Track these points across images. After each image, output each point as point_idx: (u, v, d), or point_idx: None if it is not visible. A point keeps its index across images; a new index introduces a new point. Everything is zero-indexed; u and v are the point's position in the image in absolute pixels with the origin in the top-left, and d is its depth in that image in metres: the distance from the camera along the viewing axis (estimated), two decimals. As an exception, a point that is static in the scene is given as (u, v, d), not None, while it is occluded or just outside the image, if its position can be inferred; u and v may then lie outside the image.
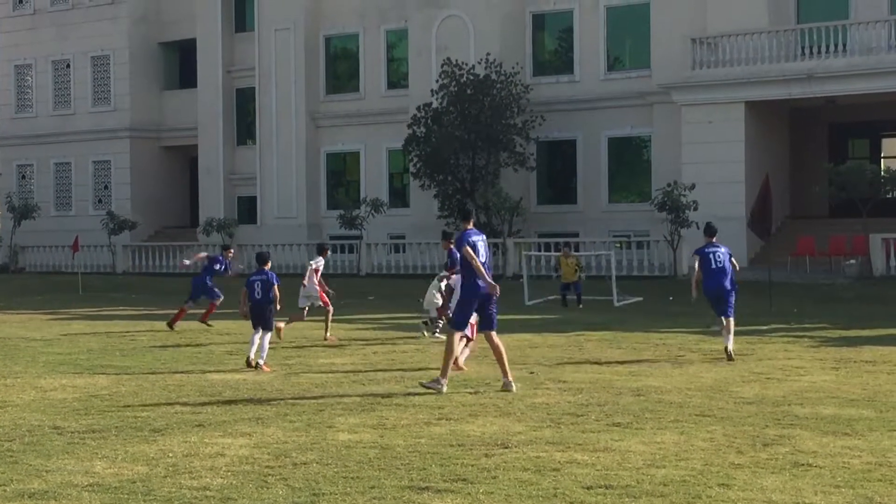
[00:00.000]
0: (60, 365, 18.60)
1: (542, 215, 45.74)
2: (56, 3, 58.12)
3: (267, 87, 51.62)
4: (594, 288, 33.03)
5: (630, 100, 44.22)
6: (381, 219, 45.21)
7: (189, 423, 12.65)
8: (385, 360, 18.97)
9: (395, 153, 49.07)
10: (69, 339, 23.46)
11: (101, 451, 11.05)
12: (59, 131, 57.82)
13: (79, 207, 57.55)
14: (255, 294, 18.36)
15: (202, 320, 25.82)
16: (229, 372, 17.45)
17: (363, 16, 50.13)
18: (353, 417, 12.86)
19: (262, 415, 13.14)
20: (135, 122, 56.09)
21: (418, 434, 11.79)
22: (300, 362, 18.76)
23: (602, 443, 11.22)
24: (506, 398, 14.24)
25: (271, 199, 51.72)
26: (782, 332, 23.36)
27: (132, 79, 56.17)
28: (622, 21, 45.32)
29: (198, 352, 20.64)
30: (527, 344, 21.35)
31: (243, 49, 52.95)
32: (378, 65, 50.23)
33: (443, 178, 44.46)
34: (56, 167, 58.51)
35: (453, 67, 44.40)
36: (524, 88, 44.71)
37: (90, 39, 56.70)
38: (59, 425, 12.53)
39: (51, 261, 52.39)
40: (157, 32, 56.72)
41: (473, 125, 43.56)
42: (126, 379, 16.70)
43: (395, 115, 48.24)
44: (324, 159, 51.63)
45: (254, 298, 18.36)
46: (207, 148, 53.58)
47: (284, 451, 10.97)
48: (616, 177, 45.78)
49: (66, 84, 58.25)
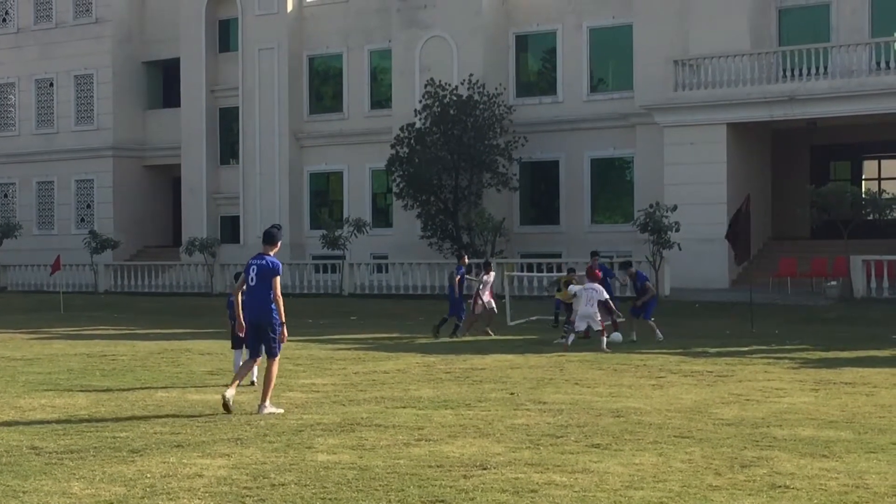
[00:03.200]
0: (40, 385, 18.54)
1: (524, 236, 45.81)
2: (40, 22, 58.09)
3: (250, 106, 51.64)
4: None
5: (613, 121, 44.36)
6: (364, 239, 45.19)
7: (168, 443, 12.62)
8: (366, 380, 18.95)
9: (379, 173, 49.10)
10: (49, 359, 23.38)
11: (79, 472, 11.01)
12: (42, 150, 57.74)
13: (61, 226, 57.41)
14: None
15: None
16: (209, 392, 17.41)
17: (347, 36, 50.22)
18: (333, 438, 12.84)
19: (241, 435, 13.11)
20: (118, 141, 56.01)
21: (397, 455, 11.78)
22: (281, 382, 18.72)
23: (581, 464, 11.23)
24: (486, 419, 14.23)
25: (254, 219, 51.66)
26: (763, 353, 23.42)
27: (116, 98, 56.12)
28: (605, 43, 45.49)
29: (178, 372, 20.60)
30: (508, 365, 21.36)
31: (227, 69, 52.97)
32: (361, 85, 50.30)
33: (426, 199, 44.48)
34: (39, 186, 58.39)
35: (436, 88, 44.49)
36: (507, 109, 44.86)
37: (74, 58, 56.65)
38: (37, 445, 12.48)
39: (33, 280, 52.20)
40: (141, 52, 56.71)
41: (456, 146, 43.63)
42: (106, 399, 16.65)
43: (378, 136, 48.29)
44: (307, 179, 51.64)
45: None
46: (190, 167, 53.54)
47: (263, 472, 10.95)
48: (599, 198, 45.90)
49: (50, 103, 58.17)
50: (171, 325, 34.25)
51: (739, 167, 40.64)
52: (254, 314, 15.03)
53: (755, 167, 41.98)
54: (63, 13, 57.26)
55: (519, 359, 22.54)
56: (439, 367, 20.90)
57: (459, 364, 21.41)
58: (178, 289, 48.12)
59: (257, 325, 15.00)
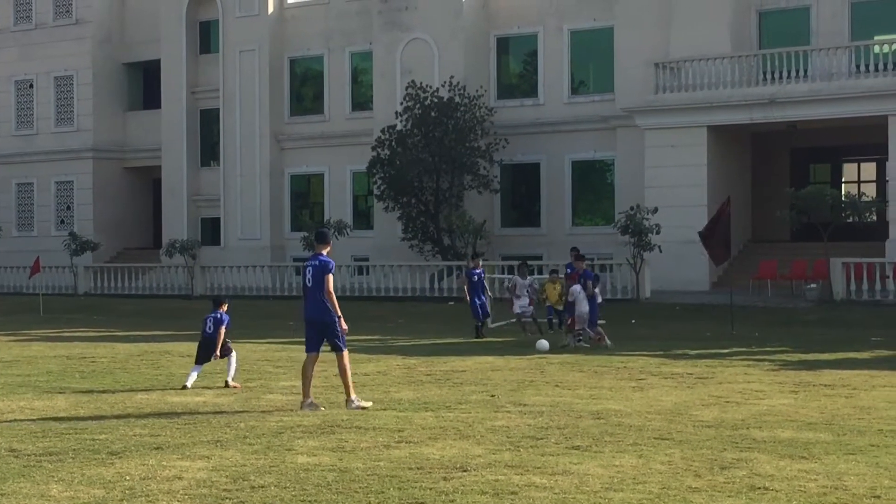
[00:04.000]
0: (19, 387, 18.48)
1: (505, 238, 45.83)
2: (20, 23, 57.88)
3: (231, 108, 51.56)
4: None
5: (593, 123, 44.42)
6: (345, 241, 45.06)
7: (147, 445, 12.58)
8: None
9: (360, 175, 49.09)
10: (28, 361, 23.29)
11: (58, 475, 10.97)
12: (21, 151, 57.50)
13: (41, 228, 57.21)
14: (206, 329, 18.81)
15: None
16: (189, 394, 17.37)
17: (328, 38, 50.18)
18: (313, 440, 12.82)
19: (220, 437, 13.08)
20: (98, 143, 55.84)
21: (377, 457, 11.77)
22: (261, 384, 18.71)
23: (561, 466, 11.23)
24: (466, 421, 14.23)
25: (235, 221, 51.61)
26: (743, 355, 23.48)
27: (96, 99, 55.96)
28: (586, 45, 45.55)
29: (158, 374, 20.55)
30: (489, 367, 21.37)
31: (208, 70, 52.87)
32: (342, 87, 50.28)
33: (407, 201, 44.49)
34: (18, 187, 58.16)
35: (417, 90, 44.49)
36: (488, 111, 44.87)
37: (54, 59, 56.45)
38: (15, 448, 12.43)
39: (11, 282, 51.95)
40: (122, 53, 56.54)
41: (437, 148, 43.63)
42: (85, 401, 16.60)
43: (359, 138, 48.26)
44: (288, 181, 51.59)
45: (205, 333, 18.80)
46: (171, 169, 53.40)
47: (243, 475, 10.93)
48: (580, 200, 45.97)
49: (29, 104, 57.95)
50: (151, 328, 34.15)
51: (720, 170, 40.74)
52: (315, 313, 15.83)
53: (735, 170, 42.07)
54: (43, 14, 57.06)
55: (499, 361, 22.56)
56: (420, 370, 20.90)
57: (440, 366, 21.42)
58: (159, 291, 48.00)
59: (319, 322, 15.80)
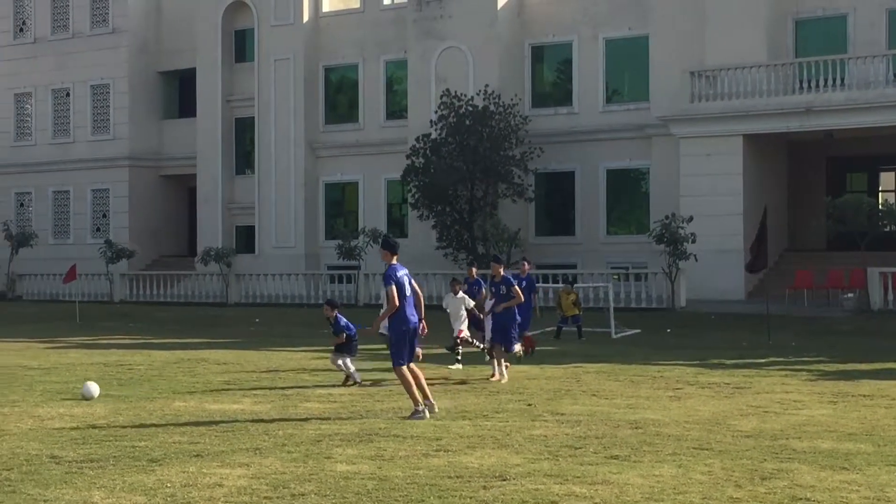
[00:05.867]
0: (58, 394, 18.58)
1: (540, 246, 45.77)
2: (56, 32, 58.28)
3: (266, 117, 51.76)
4: (592, 320, 33.03)
5: (628, 132, 44.37)
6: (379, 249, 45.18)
7: (187, 453, 12.63)
8: (383, 391, 18.94)
9: (394, 183, 49.15)
10: (66, 368, 23.43)
11: (100, 481, 11.03)
12: (58, 159, 57.87)
13: (77, 236, 57.54)
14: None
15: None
16: (226, 402, 17.42)
17: (363, 47, 50.31)
18: (351, 448, 12.84)
19: (259, 445, 13.12)
20: (134, 151, 56.15)
21: (416, 466, 11.78)
22: (297, 392, 18.75)
23: (600, 475, 11.21)
24: (504, 430, 14.21)
25: (269, 229, 51.77)
26: (780, 365, 23.35)
27: (132, 108, 56.29)
28: (621, 53, 45.50)
29: (195, 381, 20.61)
30: (524, 375, 21.33)
31: (243, 79, 53.08)
32: (377, 95, 50.39)
33: (441, 209, 44.52)
34: (54, 195, 58.53)
35: (452, 98, 44.53)
36: (523, 120, 44.86)
37: (90, 68, 56.83)
38: (56, 454, 12.51)
39: (48, 289, 52.29)
40: (157, 62, 56.88)
41: (472, 156, 43.64)
42: (124, 408, 16.68)
43: (393, 146, 48.35)
44: (322, 189, 51.71)
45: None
46: (206, 177, 53.63)
47: (282, 482, 10.95)
48: (614, 208, 45.89)
49: (66, 112, 58.35)
50: (186, 335, 34.28)
51: (755, 178, 40.57)
52: (416, 320, 15.72)
53: (771, 178, 41.90)
54: (80, 23, 57.45)
55: (535, 370, 22.51)
56: (454, 378, 20.89)
57: (476, 375, 21.40)
58: (194, 298, 48.18)
59: (415, 329, 15.73)
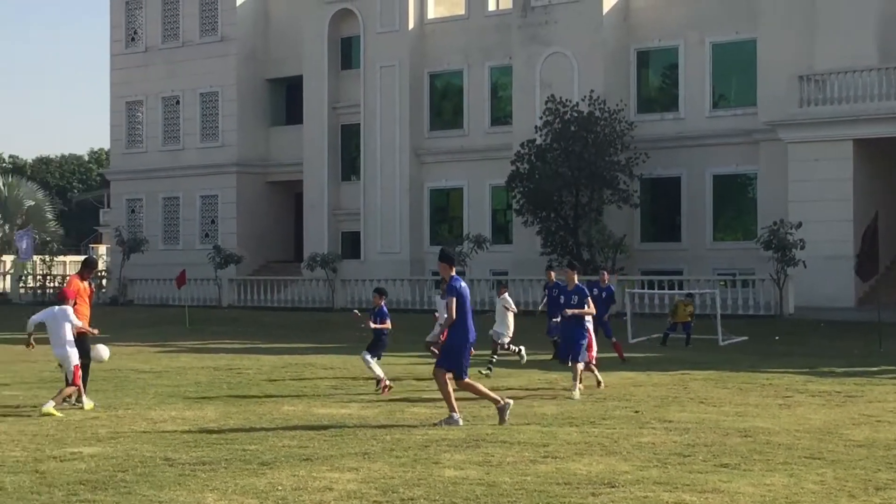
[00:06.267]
0: (169, 397, 18.90)
1: (645, 253, 45.51)
2: (167, 41, 59.25)
3: (372, 123, 52.11)
4: (698, 327, 32.70)
5: (736, 137, 43.93)
6: (484, 255, 45.31)
7: (297, 456, 12.77)
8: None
9: (499, 189, 49.18)
10: (177, 372, 23.82)
11: (212, 484, 11.20)
12: (168, 166, 58.79)
13: (186, 241, 58.38)
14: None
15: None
16: (334, 406, 17.58)
17: (467, 53, 50.44)
18: (459, 454, 12.89)
19: (368, 449, 13.22)
20: (242, 158, 56.89)
21: (524, 472, 11.78)
22: (405, 397, 18.85)
23: (710, 484, 11.11)
24: (611, 437, 14.16)
25: (375, 235, 52.10)
26: (892, 374, 22.95)
27: (240, 115, 57.04)
28: (728, 58, 45.06)
29: (303, 386, 20.82)
30: (630, 382, 21.24)
31: (349, 86, 53.51)
32: (482, 101, 50.48)
33: (546, 215, 44.44)
34: (164, 201, 59.47)
35: (557, 104, 44.46)
36: (628, 125, 44.64)
37: (200, 76, 57.70)
38: (170, 457, 12.73)
39: (158, 294, 53.18)
40: (265, 69, 57.57)
41: (577, 162, 43.52)
42: (234, 412, 16.91)
43: (498, 152, 48.38)
44: (427, 195, 51.91)
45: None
46: (312, 183, 54.14)
47: (391, 487, 11.03)
48: (720, 214, 45.43)
49: (176, 120, 59.29)
50: (293, 340, 34.63)
51: (866, 184, 39.88)
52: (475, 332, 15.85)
53: (882, 184, 41.15)
54: (189, 32, 58.36)
55: (641, 376, 22.40)
56: (562, 384, 20.85)
57: (583, 381, 21.31)
58: (300, 304, 48.66)
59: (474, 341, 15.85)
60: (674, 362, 25.51)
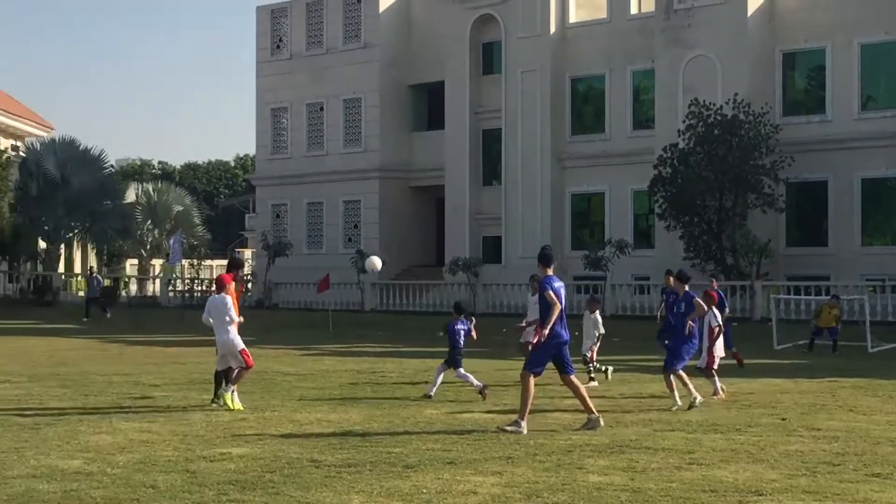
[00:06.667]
0: (314, 400, 19.12)
1: (791, 258, 44.78)
2: (311, 48, 60.09)
3: (513, 128, 52.14)
4: (845, 333, 32.06)
5: (885, 140, 43.02)
6: (626, 260, 45.04)
7: (440, 459, 12.83)
8: (633, 402, 18.84)
9: (641, 194, 48.83)
10: (321, 375, 24.09)
11: (357, 486, 11.31)
12: (311, 171, 59.60)
13: (329, 246, 59.10)
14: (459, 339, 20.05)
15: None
16: (476, 410, 17.61)
17: (609, 57, 50.19)
18: (603, 459, 12.82)
19: (511, 454, 13.22)
20: (384, 163, 57.42)
21: (669, 478, 11.67)
22: (548, 402, 18.82)
23: (861, 494, 10.88)
24: (758, 444, 13.95)
25: (516, 239, 52.11)
26: None
27: (382, 120, 57.60)
28: (877, 59, 44.14)
29: (445, 390, 20.89)
30: (777, 389, 20.90)
31: (490, 91, 53.65)
32: (624, 105, 50.21)
33: (689, 220, 44.01)
34: (308, 206, 60.30)
35: (700, 108, 44.00)
36: (773, 128, 43.97)
37: (343, 83, 58.43)
38: (316, 458, 12.88)
39: (303, 297, 53.87)
40: (407, 75, 58.04)
41: (721, 166, 43.02)
42: (378, 415, 17.05)
43: (640, 156, 48.06)
44: (568, 200, 51.77)
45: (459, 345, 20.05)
46: (454, 188, 54.39)
47: (535, 491, 11.01)
48: (869, 218, 44.50)
49: (319, 126, 60.10)
50: (434, 344, 34.70)
51: None
52: (567, 335, 15.59)
53: None
54: (333, 39, 59.12)
55: (788, 383, 22.02)
56: (705, 390, 20.58)
57: (726, 388, 21.04)
58: (442, 308, 48.77)
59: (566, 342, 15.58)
60: (821, 369, 25.02)
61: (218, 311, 17.79)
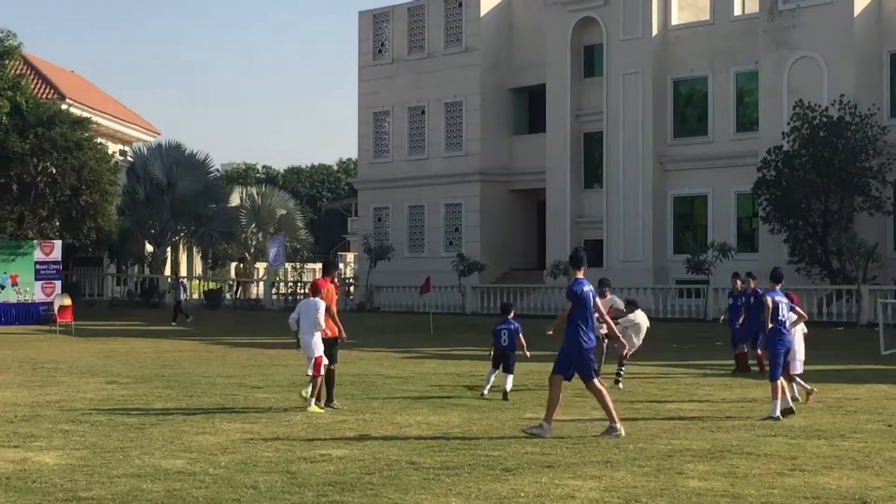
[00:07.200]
0: (415, 402, 19.21)
1: (899, 262, 43.97)
2: (413, 52, 60.34)
3: (614, 131, 51.87)
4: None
5: None
6: (729, 263, 44.48)
7: (539, 463, 12.82)
8: (734, 407, 18.65)
9: (744, 197, 48.28)
10: (422, 377, 24.21)
11: (456, 489, 11.35)
12: (413, 175, 59.84)
13: (430, 249, 59.27)
14: (501, 341, 20.42)
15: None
16: (575, 413, 17.56)
17: (712, 59, 49.72)
18: (703, 465, 12.71)
19: (610, 458, 13.17)
20: (485, 166, 57.46)
21: (771, 485, 11.54)
22: (647, 407, 18.71)
23: (969, 503, 10.68)
24: (863, 451, 13.73)
25: (617, 243, 51.82)
26: None
27: (483, 124, 57.65)
28: None
29: (545, 393, 20.83)
30: (883, 395, 20.56)
31: (591, 94, 53.43)
32: (727, 107, 49.69)
33: (793, 223, 43.43)
34: (410, 210, 60.54)
35: (805, 109, 43.41)
36: (881, 130, 43.23)
37: (444, 86, 58.57)
38: (415, 461, 12.95)
39: (404, 300, 54.09)
40: (508, 79, 58.03)
41: (826, 168, 42.40)
42: (477, 418, 17.09)
43: (743, 159, 47.52)
44: (670, 203, 51.35)
45: (500, 345, 20.40)
46: (555, 191, 54.25)
47: (635, 496, 10.96)
48: (982, 222, 43.53)
49: (421, 130, 60.32)
50: (537, 348, 34.64)
51: None
52: (594, 338, 15.72)
53: None
54: (434, 43, 59.30)
55: (894, 389, 21.64)
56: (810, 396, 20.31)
57: (831, 393, 20.76)
58: (543, 311, 48.64)
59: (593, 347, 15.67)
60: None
61: (308, 315, 17.98)
